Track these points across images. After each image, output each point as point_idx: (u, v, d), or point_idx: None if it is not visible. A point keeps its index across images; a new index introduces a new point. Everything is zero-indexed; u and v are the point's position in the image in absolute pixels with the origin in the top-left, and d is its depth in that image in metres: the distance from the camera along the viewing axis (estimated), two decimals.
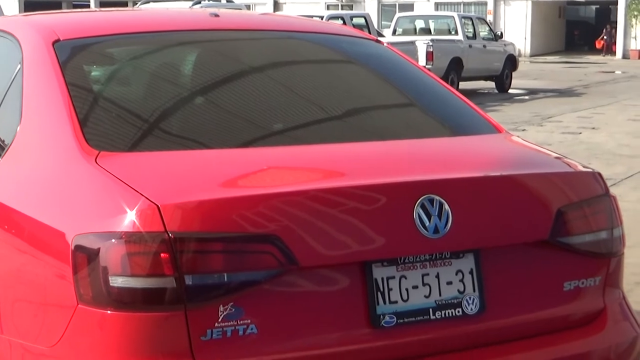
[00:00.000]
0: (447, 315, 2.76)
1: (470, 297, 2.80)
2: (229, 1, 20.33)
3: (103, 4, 48.95)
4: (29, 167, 2.96)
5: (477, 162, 3.13)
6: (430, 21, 25.29)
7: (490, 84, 23.97)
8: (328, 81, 3.73)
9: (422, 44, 20.63)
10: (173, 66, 3.56)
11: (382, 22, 42.12)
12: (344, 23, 19.00)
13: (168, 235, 2.46)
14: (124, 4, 49.12)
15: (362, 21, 21.55)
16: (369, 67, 3.88)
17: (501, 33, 26.04)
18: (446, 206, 2.74)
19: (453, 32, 23.48)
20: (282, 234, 2.54)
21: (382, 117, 3.60)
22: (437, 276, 2.77)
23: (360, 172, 2.86)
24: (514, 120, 16.10)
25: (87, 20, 3.79)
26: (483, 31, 24.42)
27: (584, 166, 3.26)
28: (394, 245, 2.70)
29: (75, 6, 53.15)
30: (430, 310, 2.75)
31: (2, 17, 4.04)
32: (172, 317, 2.47)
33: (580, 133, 14.56)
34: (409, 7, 41.74)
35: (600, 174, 3.19)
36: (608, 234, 3.08)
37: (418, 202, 2.71)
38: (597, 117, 16.88)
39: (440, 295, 2.77)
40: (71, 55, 3.24)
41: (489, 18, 39.79)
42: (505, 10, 44.47)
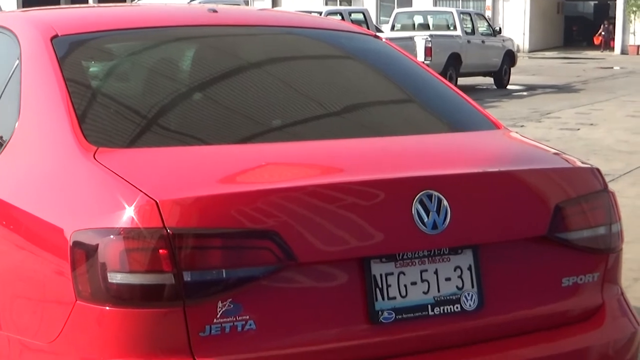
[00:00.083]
0: (445, 311, 2.76)
1: (468, 293, 2.80)
2: None
3: (101, 0, 48.92)
4: (27, 163, 2.95)
5: (475, 158, 3.13)
6: (428, 17, 25.29)
7: (489, 80, 23.97)
8: (326, 77, 3.73)
9: (420, 40, 20.63)
10: (171, 62, 3.56)
11: (381, 18, 42.08)
12: (343, 18, 19.00)
13: (166, 231, 2.46)
14: None
15: (360, 16, 21.56)
16: (367, 63, 3.88)
17: (500, 29, 26.04)
18: (445, 202, 2.74)
19: (451, 28, 23.48)
20: (281, 229, 2.54)
21: (380, 113, 3.59)
22: (436, 272, 2.77)
23: (358, 168, 2.86)
24: (513, 116, 16.10)
25: (85, 16, 3.78)
26: (481, 27, 24.41)
27: (582, 162, 3.26)
28: (393, 241, 2.70)
29: (74, 2, 53.09)
30: (429, 306, 2.75)
31: (1, 13, 4.03)
32: (170, 313, 2.47)
33: (579, 129, 14.56)
34: (407, 2, 41.73)
35: (598, 170, 3.19)
36: (606, 230, 3.08)
37: (416, 197, 2.71)
38: (595, 113, 16.88)
39: (438, 291, 2.77)
40: (69, 50, 3.24)
41: (488, 14, 39.76)
42: (504, 5, 44.44)
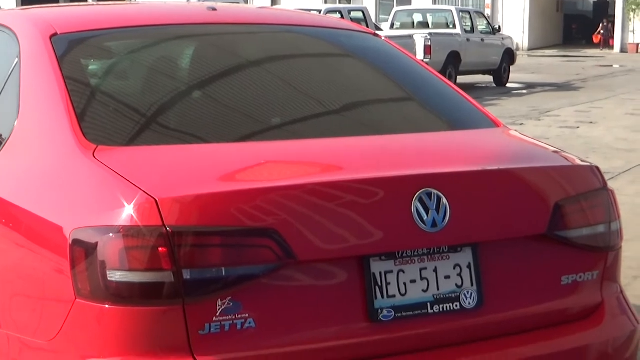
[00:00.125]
0: (445, 309, 2.76)
1: (468, 291, 2.80)
2: None
3: None
4: (26, 161, 2.95)
5: (475, 156, 3.13)
6: (428, 15, 25.28)
7: (488, 78, 23.96)
8: (326, 75, 3.73)
9: (420, 38, 20.62)
10: (171, 60, 3.56)
11: (380, 16, 42.06)
12: (342, 17, 18.99)
13: (166, 229, 2.46)
14: None
15: (360, 15, 21.56)
16: (366, 61, 3.88)
17: (499, 27, 26.07)
18: (444, 200, 2.74)
19: (451, 26, 23.47)
20: (280, 228, 2.54)
21: (380, 111, 3.60)
22: (435, 270, 2.77)
23: (358, 166, 2.86)
24: (512, 115, 16.10)
25: (84, 14, 3.78)
26: (481, 25, 24.41)
27: (581, 160, 3.26)
28: (392, 239, 2.70)
29: (73, 0, 53.13)
30: (428, 304, 2.75)
31: (0, 11, 4.03)
32: (170, 311, 2.47)
33: (578, 127, 14.56)
34: (406, 1, 41.69)
35: (598, 168, 3.19)
36: (606, 228, 3.08)
37: (416, 196, 2.71)
38: (595, 111, 16.88)
39: (438, 289, 2.77)
40: (69, 49, 3.23)
41: (487, 12, 39.72)
42: (503, 3, 44.41)
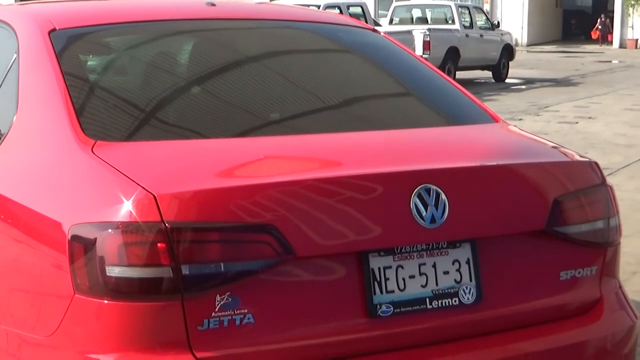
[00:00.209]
0: (443, 304, 2.77)
1: (467, 287, 2.80)
2: None
3: None
4: (25, 156, 2.95)
5: (474, 152, 3.13)
6: (427, 10, 25.25)
7: (487, 74, 23.97)
8: (325, 71, 3.73)
9: (419, 33, 20.62)
10: (169, 56, 3.56)
11: (379, 11, 42.01)
12: (341, 12, 18.98)
13: (165, 225, 2.46)
14: None
15: (358, 10, 21.52)
16: (365, 57, 3.88)
17: (498, 22, 26.05)
18: (443, 196, 2.74)
19: (450, 22, 23.46)
20: (279, 223, 2.54)
21: (379, 107, 3.59)
22: (434, 266, 2.77)
23: (357, 162, 2.86)
24: (511, 110, 16.10)
25: (83, 10, 3.78)
26: (480, 20, 24.40)
27: (580, 156, 3.26)
28: (391, 235, 2.70)
29: None
30: (427, 299, 2.75)
31: None
32: (169, 306, 2.47)
33: (577, 122, 14.56)
34: None
35: (597, 164, 3.19)
36: (604, 224, 3.08)
37: (415, 191, 2.71)
38: (593, 107, 16.88)
39: (437, 284, 2.77)
40: (67, 44, 3.23)
41: (486, 7, 39.70)
42: None
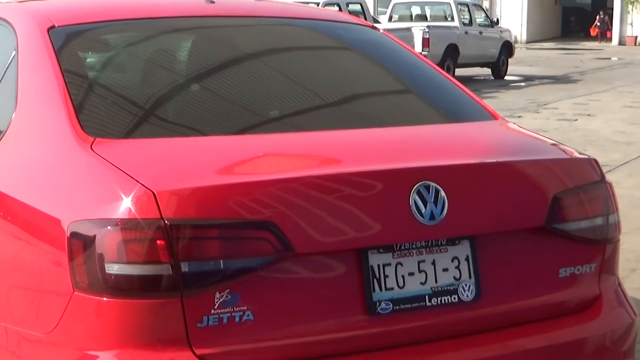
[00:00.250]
0: (443, 302, 2.77)
1: (466, 284, 2.80)
2: None
3: None
4: (24, 153, 2.95)
5: (473, 149, 3.13)
6: (426, 7, 25.24)
7: (486, 71, 23.96)
8: (324, 68, 3.73)
9: (418, 31, 20.63)
10: (169, 53, 3.56)
11: (378, 9, 42.01)
12: (340, 9, 18.97)
13: (164, 222, 2.46)
14: None
15: (358, 7, 21.53)
16: (365, 54, 3.87)
17: (497, 19, 26.06)
18: (442, 193, 2.74)
19: (449, 19, 23.46)
20: (278, 220, 2.54)
21: (378, 104, 3.59)
22: (433, 263, 2.77)
23: (356, 159, 2.86)
24: (510, 107, 16.10)
25: (82, 7, 3.77)
26: (479, 17, 24.40)
27: (579, 153, 3.26)
28: (390, 232, 2.70)
29: None
30: (426, 297, 2.75)
31: None
32: (168, 304, 2.47)
33: (576, 120, 14.56)
34: None
35: (596, 161, 3.19)
36: (604, 221, 3.08)
37: (414, 188, 2.71)
38: (593, 104, 16.88)
39: (436, 282, 2.77)
40: (66, 41, 3.23)
41: (485, 4, 39.69)
42: None
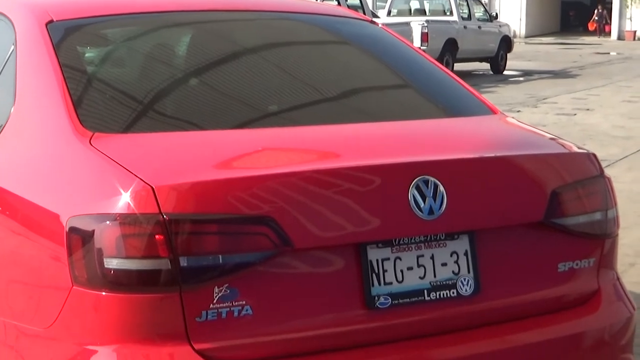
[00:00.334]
0: (441, 296, 2.77)
1: (464, 279, 2.81)
2: None
3: None
4: (22, 148, 2.95)
5: (472, 144, 3.13)
6: (425, 2, 25.22)
7: (485, 65, 23.96)
8: (323, 62, 3.72)
9: (416, 25, 20.62)
10: (167, 47, 3.55)
11: (377, 3, 41.97)
12: (339, 4, 18.94)
13: (163, 216, 2.46)
14: None
15: (356, 2, 21.48)
16: (363, 49, 3.87)
17: (496, 14, 26.02)
18: (441, 187, 2.74)
19: (448, 13, 23.43)
20: (277, 215, 2.54)
21: (376, 99, 3.59)
22: (432, 257, 2.77)
23: (355, 154, 2.86)
24: (509, 102, 16.10)
25: (80, 1, 3.76)
26: (478, 12, 24.38)
27: (578, 147, 3.26)
28: (389, 226, 2.70)
29: None
30: (425, 291, 2.75)
31: None
32: (167, 298, 2.47)
33: (575, 114, 14.56)
34: None
35: (594, 155, 3.19)
36: (602, 215, 3.09)
37: (413, 183, 2.71)
38: (591, 99, 16.89)
39: (435, 276, 2.77)
40: (65, 36, 3.23)
41: None
42: None
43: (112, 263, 2.46)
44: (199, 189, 2.53)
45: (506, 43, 24.05)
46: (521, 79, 21.91)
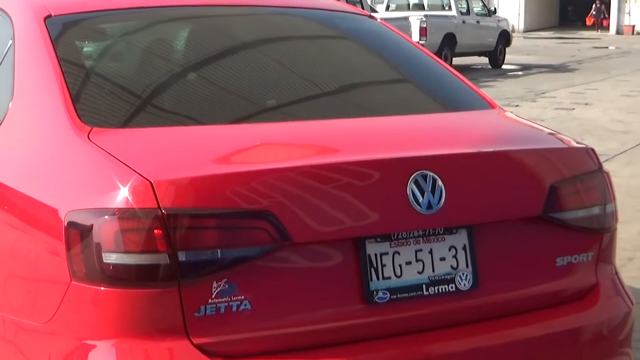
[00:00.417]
0: (440, 291, 2.77)
1: (463, 273, 2.81)
2: None
3: None
4: (21, 143, 2.95)
5: (470, 138, 3.13)
6: None
7: (484, 60, 23.96)
8: (321, 57, 3.72)
9: (415, 20, 20.62)
10: (166, 42, 3.55)
11: None
12: None
13: (161, 211, 2.46)
14: None
15: None
16: (362, 43, 3.87)
17: (495, 9, 26.03)
18: (439, 182, 2.74)
19: (446, 8, 23.44)
20: (276, 210, 2.54)
21: (375, 93, 3.59)
22: (431, 252, 2.77)
23: (353, 148, 2.86)
24: (507, 96, 16.10)
25: None
26: (476, 7, 24.38)
27: (577, 142, 3.26)
28: (388, 221, 2.70)
29: None
30: (424, 286, 2.75)
31: None
32: (165, 293, 2.47)
33: (574, 109, 14.56)
34: None
35: (593, 150, 3.19)
36: (601, 210, 3.09)
37: (411, 178, 2.71)
38: (590, 93, 16.89)
39: (433, 271, 2.77)
40: (63, 30, 3.22)
41: None
42: None
43: (110, 258, 2.46)
44: (197, 183, 2.52)
45: (505, 37, 24.06)
46: (520, 73, 21.91)
